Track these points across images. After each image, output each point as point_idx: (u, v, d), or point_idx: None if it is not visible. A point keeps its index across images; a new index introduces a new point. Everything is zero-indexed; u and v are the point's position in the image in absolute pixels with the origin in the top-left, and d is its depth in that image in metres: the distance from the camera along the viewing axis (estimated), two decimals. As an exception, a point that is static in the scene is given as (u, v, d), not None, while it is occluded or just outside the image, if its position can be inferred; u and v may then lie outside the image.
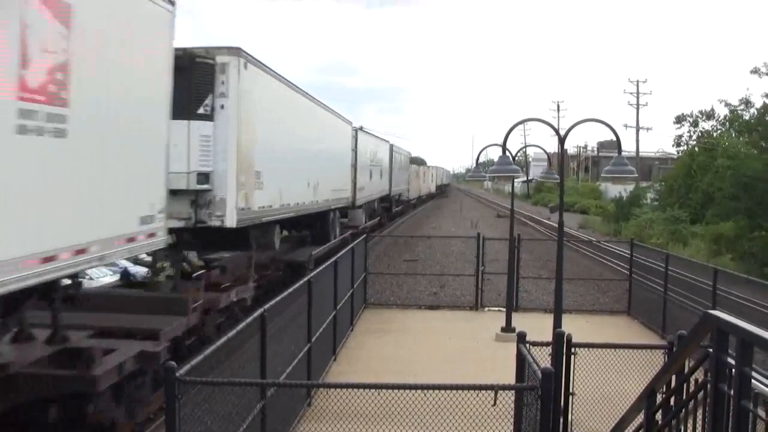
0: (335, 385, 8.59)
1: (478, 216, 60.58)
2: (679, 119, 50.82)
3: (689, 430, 6.08)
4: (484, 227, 44.27)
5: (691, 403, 5.96)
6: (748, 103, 41.20)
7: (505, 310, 16.95)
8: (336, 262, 14.08)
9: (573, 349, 9.32)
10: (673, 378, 6.53)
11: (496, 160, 13.90)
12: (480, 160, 18.41)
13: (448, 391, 6.82)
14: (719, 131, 47.72)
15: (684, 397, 6.18)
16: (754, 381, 4.50)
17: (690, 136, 50.57)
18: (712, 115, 48.67)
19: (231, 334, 7.24)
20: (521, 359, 7.56)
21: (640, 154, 75.07)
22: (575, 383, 9.37)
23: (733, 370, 4.56)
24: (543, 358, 8.26)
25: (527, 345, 7.79)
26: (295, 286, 10.65)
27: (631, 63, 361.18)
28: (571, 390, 9.33)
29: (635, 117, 73.65)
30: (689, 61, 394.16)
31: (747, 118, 40.50)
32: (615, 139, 11.81)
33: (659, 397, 6.69)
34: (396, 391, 6.97)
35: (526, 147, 39.79)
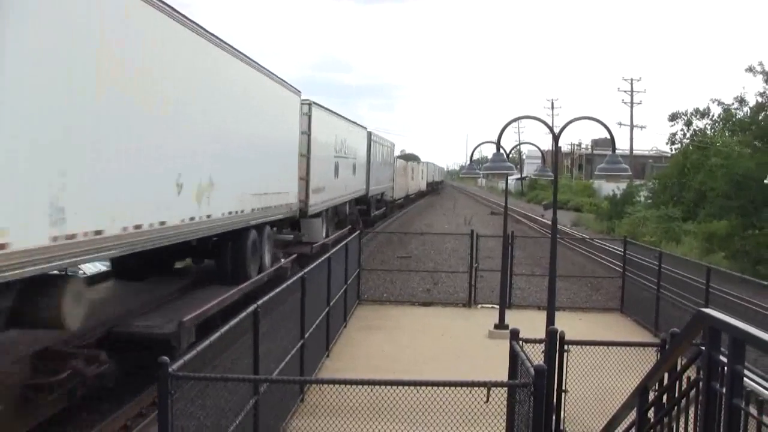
0: (328, 381, 8.59)
1: (471, 213, 60.59)
2: (673, 117, 50.84)
3: (681, 428, 6.09)
4: (478, 224, 44.32)
5: (684, 400, 5.97)
6: (742, 101, 41.29)
7: (498, 307, 16.97)
8: (330, 258, 14.08)
9: (566, 347, 9.33)
10: (665, 375, 6.55)
11: (490, 157, 13.92)
12: (474, 158, 18.42)
13: (441, 388, 6.82)
14: (713, 130, 47.79)
15: (676, 394, 6.20)
16: (746, 379, 4.51)
17: (684, 135, 50.62)
18: (706, 113, 48.71)
19: (224, 329, 7.22)
20: (514, 356, 7.56)
21: (634, 152, 75.19)
22: (568, 380, 9.38)
23: (726, 368, 4.57)
24: (536, 355, 8.27)
25: (520, 342, 7.80)
26: (289, 282, 10.65)
27: (625, 61, 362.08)
28: (563, 387, 9.34)
29: (629, 115, 73.81)
30: (684, 59, 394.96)
31: (741, 116, 40.53)
32: (609, 137, 11.81)
33: (652, 395, 6.71)
34: (389, 387, 6.96)
35: (520, 144, 39.98)
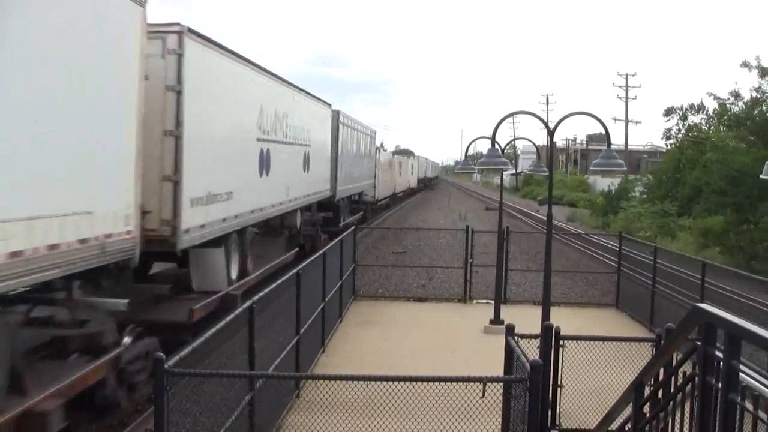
0: (324, 377, 8.59)
1: (466, 209, 60.59)
2: (668, 112, 50.84)
3: (677, 423, 6.10)
4: (473, 220, 44.31)
5: (679, 395, 5.97)
6: (737, 96, 41.26)
7: (493, 302, 16.97)
8: (325, 254, 14.07)
9: (561, 342, 9.37)
10: (661, 371, 6.55)
11: (485, 152, 13.92)
12: (469, 153, 18.35)
13: (437, 383, 6.82)
14: (709, 125, 47.80)
15: (672, 390, 6.20)
16: (741, 374, 4.51)
17: (679, 130, 50.63)
18: (701, 108, 48.70)
19: (219, 325, 7.22)
20: (509, 351, 7.58)
21: (629, 147, 75.35)
22: (563, 376, 9.42)
23: (721, 364, 4.57)
24: (531, 351, 8.28)
25: (516, 337, 7.81)
26: (284, 278, 10.64)
27: (620, 56, 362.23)
28: (559, 382, 9.38)
29: (624, 110, 74.02)
30: (679, 54, 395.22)
31: (736, 111, 40.51)
32: (604, 132, 11.81)
33: (647, 390, 6.71)
34: (384, 383, 6.97)
35: (515, 140, 39.74)
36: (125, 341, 10.93)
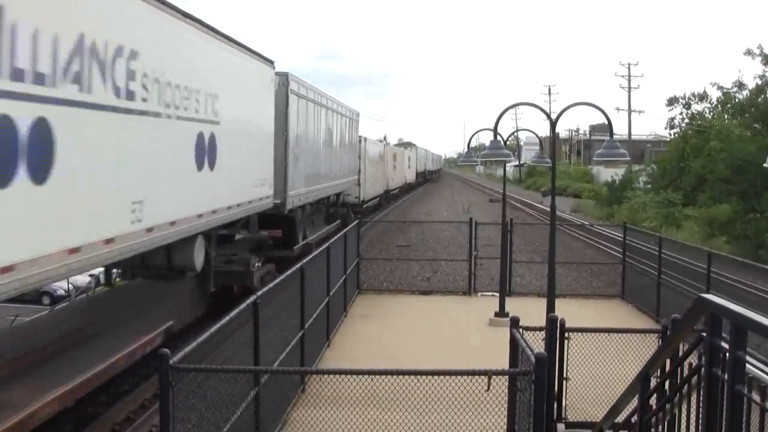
0: (329, 372, 8.60)
1: (469, 201, 60.57)
2: (671, 101, 50.70)
3: (684, 414, 6.08)
4: (476, 212, 44.31)
5: (685, 387, 5.95)
6: (741, 85, 41.10)
7: (498, 294, 16.96)
8: (329, 248, 14.06)
9: (566, 334, 9.33)
10: (667, 362, 6.53)
11: (487, 144, 13.88)
12: (472, 145, 18.35)
13: (442, 377, 6.81)
14: (712, 113, 47.67)
15: (678, 381, 6.18)
16: (747, 365, 4.49)
17: (683, 119, 50.49)
18: (704, 97, 48.57)
19: (224, 321, 7.21)
20: (515, 344, 7.55)
21: (633, 137, 75.06)
22: (569, 368, 9.39)
23: (727, 354, 4.55)
24: (537, 343, 8.27)
25: (520, 330, 7.78)
26: (288, 272, 10.63)
27: (622, 45, 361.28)
28: (564, 375, 9.34)
29: (627, 100, 73.59)
30: (681, 43, 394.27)
31: (740, 99, 40.37)
32: (607, 122, 11.76)
33: (653, 382, 6.69)
34: (389, 376, 6.95)
35: (517, 131, 39.68)
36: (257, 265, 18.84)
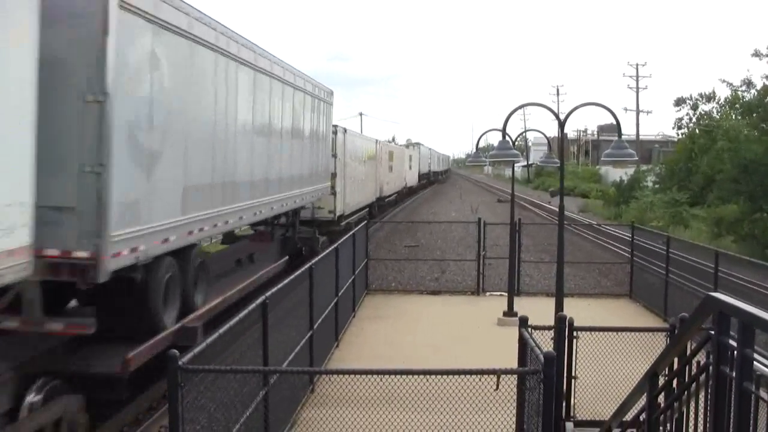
0: (338, 372, 8.61)
1: (478, 201, 60.52)
2: (679, 102, 50.56)
3: (692, 413, 6.08)
4: (485, 212, 44.29)
5: (694, 385, 5.95)
6: (749, 84, 40.94)
7: (506, 294, 16.97)
8: (337, 248, 14.09)
9: (575, 333, 9.34)
10: (675, 360, 6.53)
11: (496, 144, 13.89)
12: (480, 145, 18.36)
13: (451, 376, 6.82)
14: (720, 113, 47.50)
15: (686, 379, 6.18)
16: (756, 363, 4.49)
17: (690, 119, 50.34)
18: (712, 97, 48.38)
19: (233, 322, 7.23)
20: (523, 343, 7.56)
21: (641, 137, 75.02)
22: (578, 367, 9.40)
23: (735, 353, 4.55)
24: (545, 342, 8.27)
25: (529, 329, 7.79)
26: (297, 273, 10.66)
27: (630, 46, 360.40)
28: (573, 374, 9.36)
29: (635, 100, 73.65)
30: (690, 43, 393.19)
31: (748, 98, 40.21)
32: (615, 122, 11.77)
33: (661, 380, 6.69)
34: (398, 376, 6.97)
35: (525, 131, 39.62)
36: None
